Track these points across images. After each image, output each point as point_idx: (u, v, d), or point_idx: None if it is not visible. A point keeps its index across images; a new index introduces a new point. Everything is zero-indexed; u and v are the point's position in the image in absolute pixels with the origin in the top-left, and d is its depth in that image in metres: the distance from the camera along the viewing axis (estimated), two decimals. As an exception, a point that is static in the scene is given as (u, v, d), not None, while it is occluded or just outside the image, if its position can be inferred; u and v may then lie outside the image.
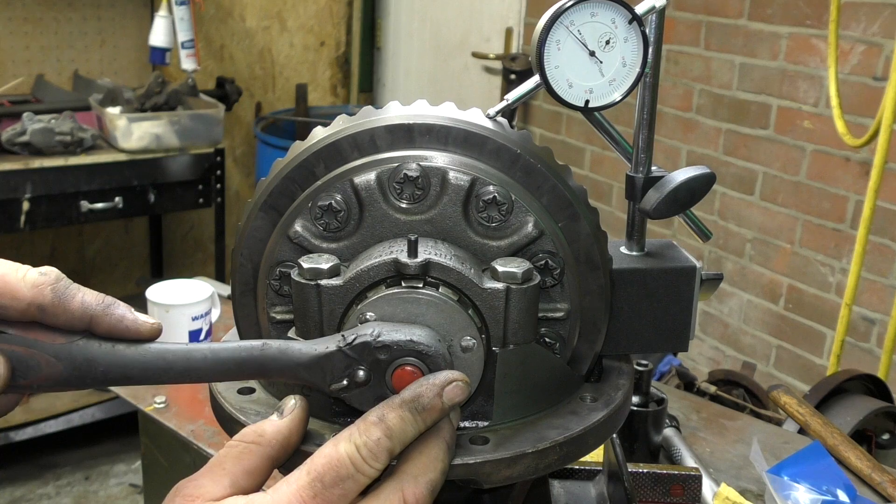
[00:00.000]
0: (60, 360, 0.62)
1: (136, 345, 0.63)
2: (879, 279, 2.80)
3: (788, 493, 1.33)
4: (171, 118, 3.39)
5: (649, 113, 0.82)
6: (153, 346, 0.63)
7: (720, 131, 3.27)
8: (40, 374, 0.61)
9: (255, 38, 4.58)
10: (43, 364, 0.61)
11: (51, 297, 0.61)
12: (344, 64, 4.98)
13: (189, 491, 0.59)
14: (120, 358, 0.62)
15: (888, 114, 2.28)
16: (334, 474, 0.57)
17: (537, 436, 0.68)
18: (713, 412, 1.73)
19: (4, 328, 0.61)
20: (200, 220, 4.44)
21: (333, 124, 0.75)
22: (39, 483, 3.48)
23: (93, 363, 0.62)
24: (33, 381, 0.62)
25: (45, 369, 0.61)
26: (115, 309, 0.63)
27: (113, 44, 4.11)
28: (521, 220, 0.70)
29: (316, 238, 0.71)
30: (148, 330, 0.63)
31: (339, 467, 0.58)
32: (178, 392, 1.79)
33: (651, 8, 0.78)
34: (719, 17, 3.22)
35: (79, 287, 0.63)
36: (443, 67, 4.61)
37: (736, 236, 3.28)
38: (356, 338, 0.61)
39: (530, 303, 0.67)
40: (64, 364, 0.62)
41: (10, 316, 0.61)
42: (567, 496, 1.05)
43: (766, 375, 3.17)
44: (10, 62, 3.88)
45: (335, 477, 0.57)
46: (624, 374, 0.80)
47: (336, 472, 0.57)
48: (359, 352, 0.61)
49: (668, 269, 0.81)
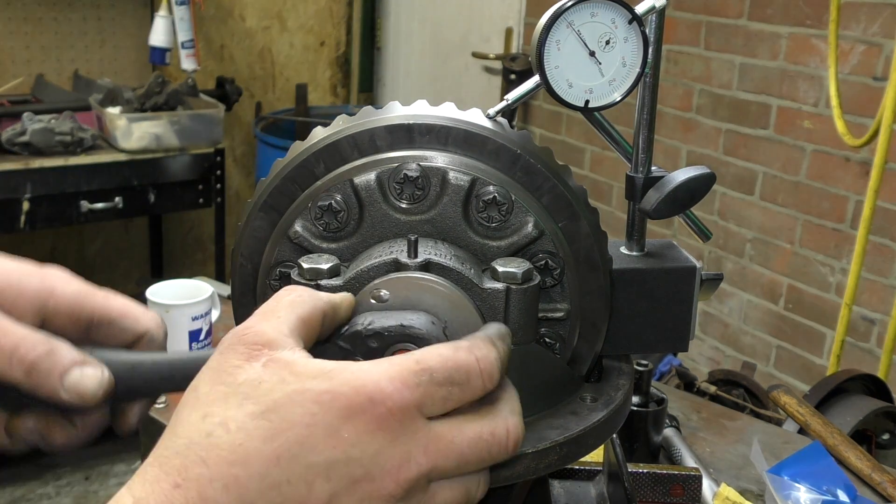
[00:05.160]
0: None
1: (146, 357, 0.64)
2: (879, 279, 2.80)
3: (788, 493, 1.33)
4: (171, 118, 3.38)
5: (649, 113, 0.82)
6: (161, 356, 0.63)
7: (720, 131, 3.27)
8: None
9: (255, 38, 4.57)
10: None
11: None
12: (344, 64, 4.98)
13: (251, 339, 0.54)
14: (133, 377, 0.63)
15: (888, 114, 2.28)
16: (447, 374, 0.53)
17: (537, 436, 0.68)
18: (713, 412, 1.73)
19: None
20: (200, 220, 4.43)
21: (333, 124, 0.75)
22: (39, 483, 3.48)
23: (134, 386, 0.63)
24: (50, 405, 0.61)
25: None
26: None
27: (113, 44, 4.11)
28: (521, 220, 0.70)
29: (316, 238, 0.71)
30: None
31: (454, 370, 0.54)
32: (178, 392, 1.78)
33: (651, 8, 0.78)
34: (719, 17, 3.22)
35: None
36: (443, 67, 4.60)
37: (736, 236, 3.27)
38: (348, 328, 0.60)
39: (530, 303, 0.67)
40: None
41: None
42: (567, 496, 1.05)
43: (766, 375, 3.17)
44: (10, 62, 3.88)
45: (446, 377, 0.53)
46: (624, 374, 0.80)
47: (449, 373, 0.53)
48: (352, 342, 0.60)
49: (668, 269, 0.81)
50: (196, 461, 0.49)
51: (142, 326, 0.67)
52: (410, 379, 0.52)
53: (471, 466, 0.55)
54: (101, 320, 0.65)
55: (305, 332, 0.56)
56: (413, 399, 0.52)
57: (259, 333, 0.54)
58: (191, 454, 0.49)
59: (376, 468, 0.51)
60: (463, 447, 0.54)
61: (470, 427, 0.55)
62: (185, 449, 0.50)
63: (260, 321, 0.55)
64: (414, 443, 0.52)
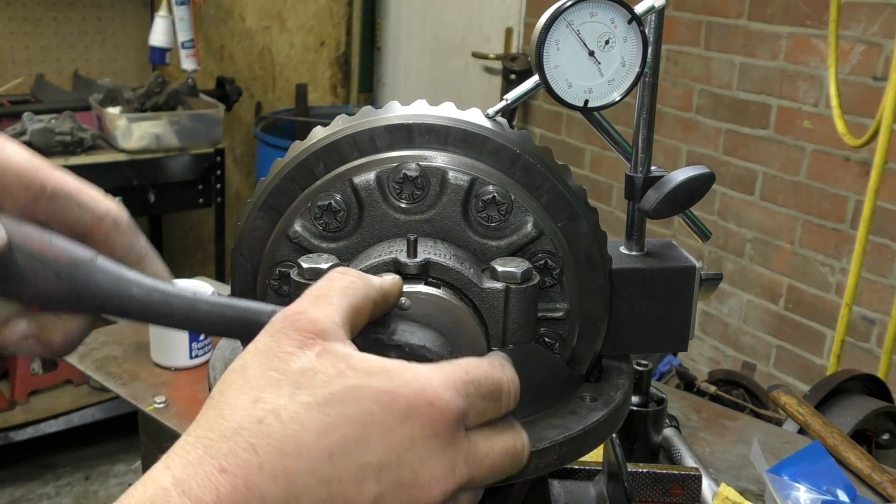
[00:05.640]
0: (60, 278, 0.59)
1: (143, 282, 0.61)
2: (879, 279, 2.80)
3: (788, 493, 1.33)
4: (171, 118, 3.39)
5: (649, 113, 0.82)
6: (160, 286, 0.61)
7: (720, 131, 3.27)
8: (36, 289, 0.59)
9: (255, 38, 4.57)
10: (40, 279, 0.59)
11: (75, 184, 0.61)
12: (344, 64, 4.98)
13: (303, 325, 0.52)
14: (122, 291, 0.60)
15: (888, 114, 2.28)
16: (489, 389, 0.55)
17: (537, 435, 0.68)
18: (713, 412, 1.73)
19: (15, 227, 0.58)
20: (200, 220, 4.44)
21: (333, 124, 0.75)
22: (39, 483, 3.48)
23: (93, 290, 0.59)
24: (26, 293, 0.59)
25: (41, 285, 0.59)
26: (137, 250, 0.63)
27: (113, 44, 4.11)
28: (521, 219, 0.70)
29: (315, 238, 0.71)
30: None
31: (495, 385, 0.55)
32: (178, 392, 1.79)
33: (650, 8, 0.78)
34: (719, 17, 3.22)
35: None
36: (443, 67, 4.61)
37: (736, 236, 3.27)
38: (369, 333, 0.59)
39: (530, 303, 0.67)
40: (62, 284, 0.59)
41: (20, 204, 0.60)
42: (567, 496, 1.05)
43: (766, 375, 3.17)
44: (10, 62, 3.88)
45: (489, 392, 0.55)
46: (624, 374, 0.80)
47: (490, 389, 0.55)
48: (370, 346, 0.60)
49: (667, 268, 0.82)
50: (245, 447, 0.47)
51: (102, 206, 0.64)
52: (462, 388, 0.53)
53: (496, 478, 0.56)
54: (55, 191, 0.62)
55: (354, 321, 0.55)
56: (464, 407, 0.53)
57: (312, 321, 0.52)
58: (239, 439, 0.48)
59: (425, 475, 0.51)
60: (495, 460, 0.55)
61: (499, 440, 0.56)
62: (233, 433, 0.48)
63: (311, 306, 0.54)
64: (458, 452, 0.52)
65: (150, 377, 1.81)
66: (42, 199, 0.61)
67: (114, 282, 0.60)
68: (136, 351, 1.91)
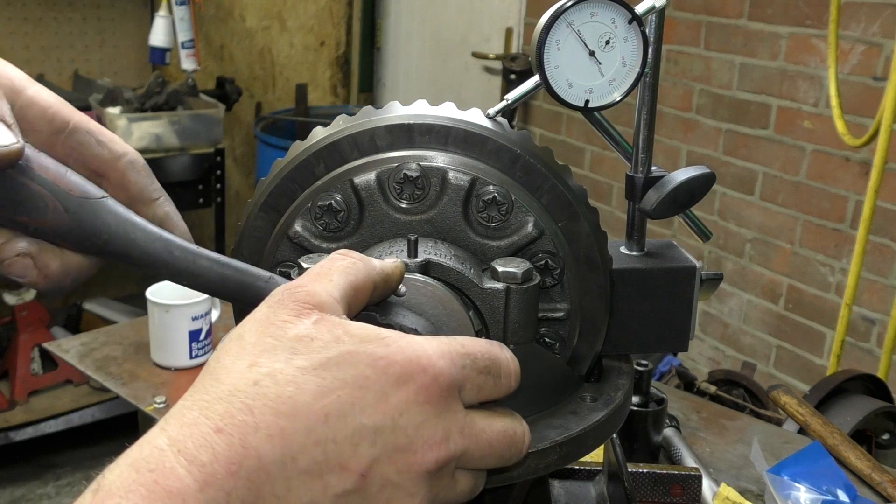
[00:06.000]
0: (69, 212, 0.59)
1: (148, 228, 0.61)
2: (879, 279, 2.80)
3: (788, 493, 1.33)
4: (171, 118, 3.39)
5: (649, 113, 0.82)
6: (164, 235, 0.62)
7: (720, 131, 3.27)
8: (44, 218, 0.59)
9: (255, 38, 4.57)
10: (50, 209, 0.59)
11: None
12: (344, 64, 4.97)
13: (302, 297, 0.53)
14: (128, 234, 0.61)
15: (888, 114, 2.28)
16: (487, 364, 0.55)
17: (537, 436, 0.68)
18: (713, 412, 1.73)
19: (35, 154, 0.60)
20: (200, 220, 4.43)
21: (333, 124, 0.75)
22: (39, 483, 3.48)
23: (99, 229, 0.60)
24: (34, 221, 0.59)
25: (50, 215, 0.59)
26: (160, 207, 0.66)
27: (113, 44, 4.11)
28: (521, 220, 0.70)
29: (316, 238, 0.71)
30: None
31: (492, 361, 0.56)
32: (178, 392, 1.78)
33: (651, 8, 0.78)
34: (719, 17, 3.22)
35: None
36: (443, 67, 4.60)
37: (736, 236, 3.27)
38: (364, 310, 0.60)
39: (530, 303, 0.67)
40: (71, 217, 0.60)
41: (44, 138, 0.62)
42: (567, 496, 1.05)
43: (766, 375, 3.17)
44: (9, 62, 3.88)
45: (486, 367, 0.55)
46: (624, 374, 0.80)
47: (488, 364, 0.56)
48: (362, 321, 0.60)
49: (667, 268, 0.82)
50: (241, 408, 0.48)
51: (119, 145, 0.66)
52: (458, 360, 0.54)
53: (493, 459, 0.57)
54: (77, 127, 0.64)
55: (353, 300, 0.56)
56: (459, 378, 0.54)
57: (311, 294, 0.54)
58: (235, 401, 0.48)
59: (419, 440, 0.52)
60: (492, 438, 0.56)
61: (498, 421, 0.57)
62: (228, 395, 0.49)
63: (312, 281, 0.55)
64: (454, 422, 0.53)
65: (150, 377, 1.82)
66: (64, 133, 0.64)
67: (120, 223, 0.61)
68: (136, 351, 1.91)
